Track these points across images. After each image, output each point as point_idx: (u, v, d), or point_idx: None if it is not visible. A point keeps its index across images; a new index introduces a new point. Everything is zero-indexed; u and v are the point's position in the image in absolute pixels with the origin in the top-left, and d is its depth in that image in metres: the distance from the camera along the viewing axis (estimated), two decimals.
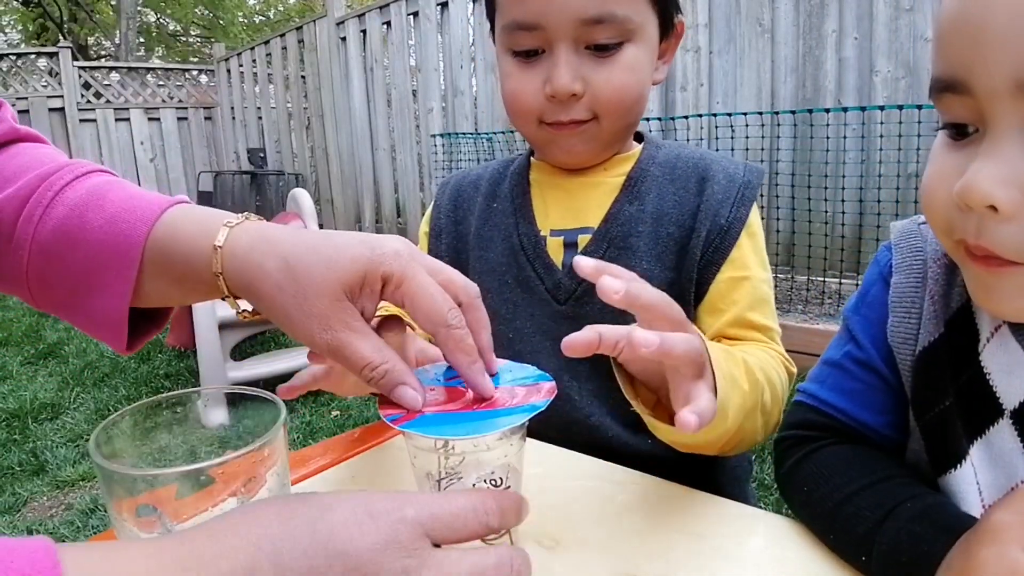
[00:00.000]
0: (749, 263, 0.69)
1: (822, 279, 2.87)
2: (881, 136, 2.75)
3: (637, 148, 0.76)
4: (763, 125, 3.05)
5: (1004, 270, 0.39)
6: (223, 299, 0.47)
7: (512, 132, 4.07)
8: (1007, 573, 0.35)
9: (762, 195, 2.88)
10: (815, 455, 0.53)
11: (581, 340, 0.41)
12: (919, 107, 2.53)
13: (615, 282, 0.41)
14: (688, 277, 0.68)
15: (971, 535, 0.38)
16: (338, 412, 2.44)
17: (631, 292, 0.42)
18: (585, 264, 0.43)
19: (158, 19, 14.66)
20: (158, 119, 7.12)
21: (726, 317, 0.67)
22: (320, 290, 0.41)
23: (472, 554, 0.32)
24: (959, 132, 0.41)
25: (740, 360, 0.54)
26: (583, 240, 0.72)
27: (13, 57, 6.56)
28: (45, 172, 0.51)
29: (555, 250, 0.73)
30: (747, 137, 3.03)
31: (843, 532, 0.46)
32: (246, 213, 0.49)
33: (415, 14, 4.70)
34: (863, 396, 0.54)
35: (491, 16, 0.73)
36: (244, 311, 0.46)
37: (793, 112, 2.91)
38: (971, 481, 0.46)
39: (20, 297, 0.53)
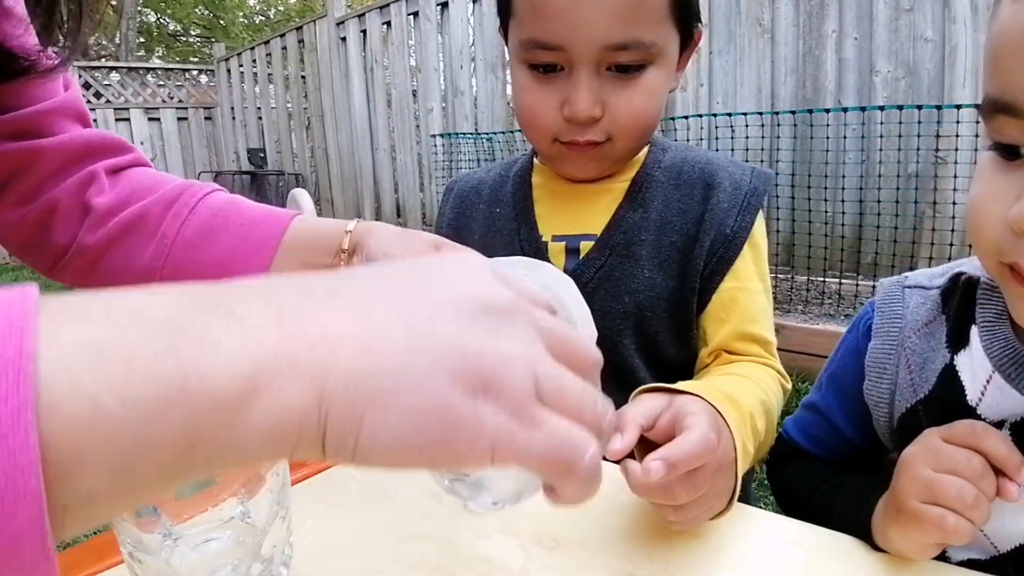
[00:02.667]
0: (750, 274, 0.68)
1: (822, 279, 2.86)
2: (881, 136, 2.75)
3: (643, 152, 0.74)
4: (763, 125, 3.05)
5: None
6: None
7: (512, 132, 4.08)
8: (923, 488, 0.42)
9: None
10: (786, 469, 0.64)
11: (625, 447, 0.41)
12: (919, 107, 2.53)
13: (656, 465, 0.40)
14: (691, 287, 0.68)
15: (893, 479, 0.46)
16: None
17: (671, 468, 0.40)
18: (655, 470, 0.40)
19: (158, 19, 14.67)
20: (158, 119, 7.11)
21: (727, 328, 0.67)
22: None
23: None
24: (1011, 153, 0.40)
25: (748, 418, 0.54)
26: (585, 247, 0.71)
27: None
28: (185, 183, 0.64)
29: (557, 256, 0.72)
30: (747, 137, 3.02)
31: (812, 514, 0.54)
32: (356, 220, 0.61)
33: (415, 14, 4.70)
34: (824, 442, 0.62)
35: (503, 15, 0.70)
36: None
37: (793, 112, 2.90)
38: None
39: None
